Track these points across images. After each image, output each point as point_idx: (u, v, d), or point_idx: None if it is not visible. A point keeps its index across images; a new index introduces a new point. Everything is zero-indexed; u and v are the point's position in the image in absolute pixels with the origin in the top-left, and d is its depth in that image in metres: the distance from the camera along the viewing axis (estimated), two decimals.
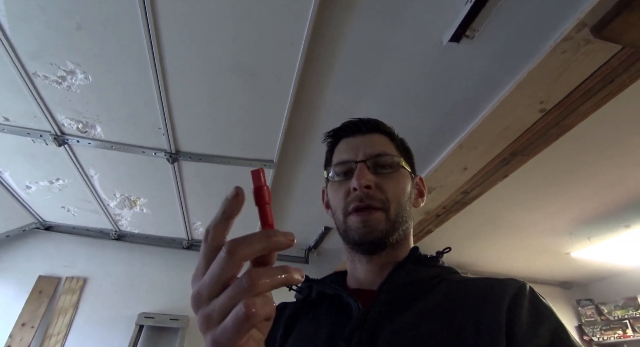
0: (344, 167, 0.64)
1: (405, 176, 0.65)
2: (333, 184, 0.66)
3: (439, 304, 0.52)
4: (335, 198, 0.64)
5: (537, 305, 0.49)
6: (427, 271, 0.59)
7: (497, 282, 0.53)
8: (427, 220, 2.25)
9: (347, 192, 0.61)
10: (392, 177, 0.62)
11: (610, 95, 1.30)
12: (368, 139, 0.66)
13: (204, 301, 0.30)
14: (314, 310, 0.62)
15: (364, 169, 0.60)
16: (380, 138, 0.67)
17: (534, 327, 0.46)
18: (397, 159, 0.64)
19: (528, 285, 0.52)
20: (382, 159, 0.63)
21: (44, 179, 2.09)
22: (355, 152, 0.64)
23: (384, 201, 0.59)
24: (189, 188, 2.14)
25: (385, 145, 0.66)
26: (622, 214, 2.55)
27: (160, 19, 1.17)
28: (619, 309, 3.75)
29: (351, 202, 0.60)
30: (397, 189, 0.62)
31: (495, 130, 1.53)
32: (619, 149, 1.90)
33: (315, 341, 0.55)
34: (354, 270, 0.65)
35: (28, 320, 2.37)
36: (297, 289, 0.65)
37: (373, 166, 0.62)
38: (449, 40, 1.21)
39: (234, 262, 0.29)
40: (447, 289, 0.55)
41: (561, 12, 1.11)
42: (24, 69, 1.37)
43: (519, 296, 0.50)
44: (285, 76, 1.36)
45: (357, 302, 0.55)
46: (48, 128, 1.67)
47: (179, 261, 2.87)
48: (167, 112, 1.54)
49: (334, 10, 1.15)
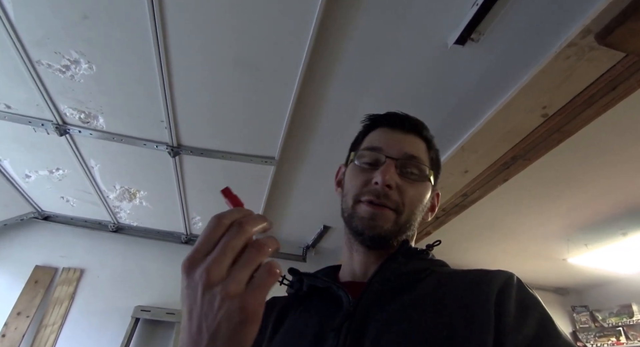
0: (372, 155, 0.63)
1: (427, 188, 0.64)
2: (355, 168, 0.64)
3: (429, 294, 0.53)
4: (352, 182, 0.63)
5: (524, 295, 0.50)
6: (417, 264, 0.59)
7: (485, 273, 0.54)
8: (427, 222, 2.25)
9: (366, 181, 0.60)
10: (415, 185, 0.61)
11: (613, 102, 1.30)
12: (406, 138, 0.65)
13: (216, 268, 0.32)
14: (305, 303, 0.62)
15: (391, 167, 0.59)
16: (418, 142, 0.66)
17: (521, 317, 0.47)
18: (426, 169, 0.63)
19: (515, 276, 0.53)
20: (413, 164, 0.62)
21: (43, 169, 2.09)
22: (389, 146, 0.63)
23: (398, 203, 0.59)
24: (189, 182, 2.14)
25: (420, 151, 0.64)
26: (619, 222, 2.56)
27: (167, 12, 1.17)
28: (613, 317, 3.76)
29: (366, 193, 0.59)
30: (415, 197, 0.61)
31: (497, 134, 1.53)
32: (617, 156, 1.90)
33: (305, 332, 0.55)
34: (350, 259, 0.65)
35: (23, 309, 2.37)
36: (288, 284, 0.65)
37: (401, 167, 0.61)
38: (454, 43, 1.22)
39: (248, 235, 0.33)
40: (437, 280, 0.56)
41: (566, 18, 1.11)
42: (27, 57, 1.36)
43: (507, 286, 0.51)
44: (289, 73, 1.36)
45: (347, 294, 0.55)
46: (50, 117, 1.67)
47: (176, 255, 2.87)
48: (170, 105, 1.54)
49: (340, 8, 1.15)
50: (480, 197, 1.96)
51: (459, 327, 0.46)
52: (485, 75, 1.35)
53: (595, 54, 1.15)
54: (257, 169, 1.93)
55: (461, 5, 1.12)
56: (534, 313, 0.48)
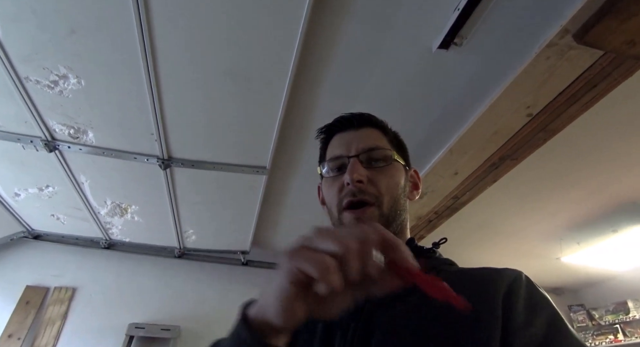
0: (337, 162, 0.65)
1: (398, 170, 0.65)
2: (327, 180, 0.66)
3: None
4: (330, 194, 0.64)
5: (533, 294, 0.50)
6: (424, 263, 0.58)
7: (494, 271, 0.54)
8: (419, 226, 2.27)
9: (341, 187, 0.62)
10: (385, 171, 0.63)
11: (594, 100, 1.34)
12: (360, 134, 0.66)
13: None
14: None
15: (356, 164, 0.61)
16: (372, 132, 0.67)
17: (530, 317, 0.46)
18: (389, 152, 0.65)
19: (524, 274, 0.53)
20: (375, 153, 0.63)
21: (33, 186, 2.07)
22: (347, 147, 0.64)
23: (376, 195, 0.60)
24: (181, 195, 2.13)
25: (377, 139, 0.66)
26: (609, 219, 2.59)
27: (155, 24, 1.18)
28: (609, 314, 3.79)
29: (344, 197, 0.61)
30: (390, 182, 0.62)
31: (484, 135, 1.56)
32: (605, 154, 1.94)
33: (314, 330, 0.55)
34: None
35: (14, 331, 2.32)
36: None
37: (366, 160, 0.62)
38: (438, 47, 1.25)
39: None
40: (445, 279, 0.55)
41: (545, 20, 1.15)
42: (15, 73, 1.36)
43: (516, 285, 0.50)
44: (278, 82, 1.38)
45: None
46: (39, 134, 1.66)
47: (170, 270, 2.84)
48: (160, 117, 1.55)
49: (326, 16, 1.17)
50: (471, 198, 1.98)
51: (465, 327, 0.46)
52: (470, 78, 1.38)
53: (574, 53, 1.18)
54: (248, 179, 1.93)
55: (443, 10, 1.16)
56: (543, 312, 0.47)
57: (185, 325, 2.64)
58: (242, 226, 2.44)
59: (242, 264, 2.98)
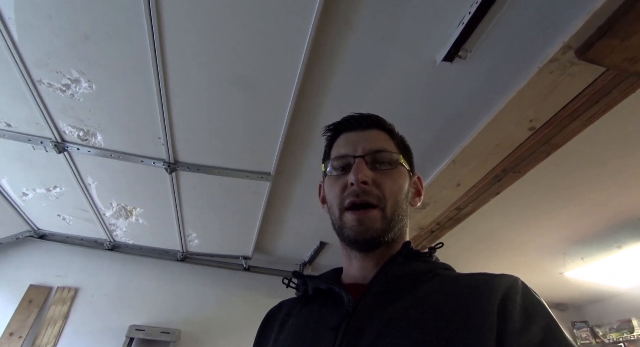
0: (342, 161, 0.64)
1: (403, 174, 0.65)
2: (330, 178, 0.66)
3: (430, 296, 0.52)
4: (332, 192, 0.64)
5: (530, 301, 0.49)
6: (419, 266, 0.59)
7: (490, 277, 0.54)
8: (421, 236, 2.27)
9: (344, 187, 0.61)
10: (389, 174, 0.63)
11: (597, 115, 1.35)
12: (368, 135, 0.66)
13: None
14: (309, 304, 0.63)
15: (362, 164, 0.60)
16: (380, 134, 0.67)
17: (526, 323, 0.46)
18: (396, 156, 0.65)
19: (521, 280, 0.52)
20: (381, 156, 0.63)
21: (41, 186, 2.11)
22: (354, 147, 0.64)
23: (380, 197, 0.60)
24: (185, 199, 2.15)
25: (384, 142, 0.66)
26: (614, 234, 2.57)
27: (165, 32, 1.22)
28: (613, 332, 3.72)
29: (347, 197, 0.60)
30: (394, 186, 0.62)
31: (487, 148, 1.57)
32: (609, 169, 1.93)
33: (305, 330, 0.56)
34: (349, 266, 0.65)
35: (16, 329, 2.34)
36: (294, 286, 0.66)
37: (371, 162, 0.62)
38: (442, 60, 1.27)
39: None
40: (440, 283, 0.55)
41: (548, 35, 1.17)
42: (29, 77, 1.40)
43: (512, 291, 0.50)
44: (284, 90, 1.40)
45: (348, 294, 0.55)
46: (49, 135, 1.70)
47: (172, 273, 2.85)
48: (168, 122, 1.58)
49: (332, 28, 1.20)
50: (473, 210, 1.99)
51: (458, 331, 0.46)
52: (473, 90, 1.39)
53: (576, 69, 1.20)
54: (253, 185, 1.95)
55: (448, 24, 1.18)
56: (539, 319, 0.47)
57: (185, 328, 2.65)
58: (245, 231, 2.46)
59: (244, 269, 2.99)
